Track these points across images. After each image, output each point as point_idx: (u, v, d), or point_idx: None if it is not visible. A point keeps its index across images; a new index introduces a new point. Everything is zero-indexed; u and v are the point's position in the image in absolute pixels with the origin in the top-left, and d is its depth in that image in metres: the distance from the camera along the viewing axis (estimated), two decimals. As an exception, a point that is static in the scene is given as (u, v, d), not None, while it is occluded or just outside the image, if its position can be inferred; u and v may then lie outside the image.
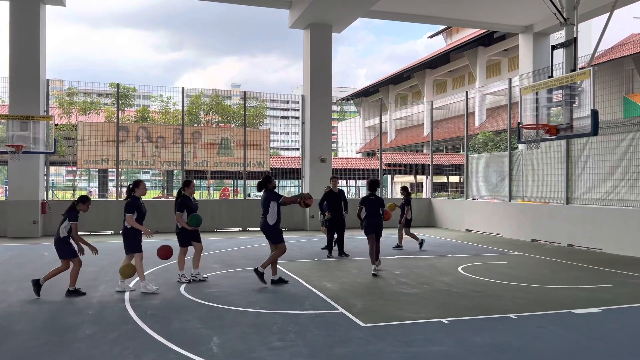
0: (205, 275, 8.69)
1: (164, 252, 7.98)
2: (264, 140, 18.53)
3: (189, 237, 8.38)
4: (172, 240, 9.38)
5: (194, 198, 8.57)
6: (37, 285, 7.32)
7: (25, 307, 6.72)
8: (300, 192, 19.02)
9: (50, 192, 18.62)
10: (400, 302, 7.05)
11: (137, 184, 7.77)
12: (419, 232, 16.92)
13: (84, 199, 7.68)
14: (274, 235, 8.28)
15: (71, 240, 7.49)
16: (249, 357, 4.86)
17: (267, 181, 8.36)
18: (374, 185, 9.57)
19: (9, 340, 5.37)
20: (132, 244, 7.65)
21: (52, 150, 15.02)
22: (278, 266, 8.79)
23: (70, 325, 5.87)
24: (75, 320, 6.09)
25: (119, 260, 10.41)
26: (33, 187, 15.31)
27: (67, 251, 7.46)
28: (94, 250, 7.55)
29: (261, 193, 8.47)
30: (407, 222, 12.88)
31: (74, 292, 7.43)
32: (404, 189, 13.46)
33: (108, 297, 7.24)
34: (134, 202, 7.62)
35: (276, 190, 8.50)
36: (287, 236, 15.42)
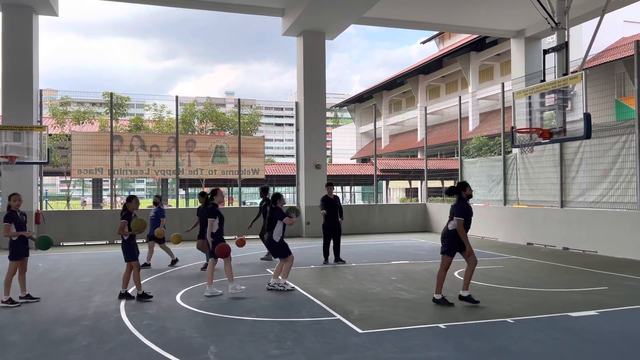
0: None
1: (224, 250, 7.95)
2: (259, 147, 18.53)
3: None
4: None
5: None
6: (126, 296, 7.65)
7: (20, 319, 6.66)
8: (295, 198, 19.00)
9: (44, 202, 18.53)
10: (397, 307, 7.04)
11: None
12: (415, 237, 16.95)
13: (131, 198, 7.85)
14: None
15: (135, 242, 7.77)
16: (246, 365, 4.83)
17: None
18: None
19: (4, 352, 5.32)
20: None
21: (46, 161, 14.91)
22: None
23: (66, 336, 5.82)
24: (70, 331, 6.04)
25: (114, 270, 10.38)
26: (27, 198, 15.16)
27: (128, 254, 7.68)
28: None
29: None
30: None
31: (141, 296, 7.60)
32: (263, 190, 11.81)
33: (104, 308, 7.19)
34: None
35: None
36: (283, 243, 15.44)
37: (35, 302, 7.55)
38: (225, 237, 8.37)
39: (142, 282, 9.10)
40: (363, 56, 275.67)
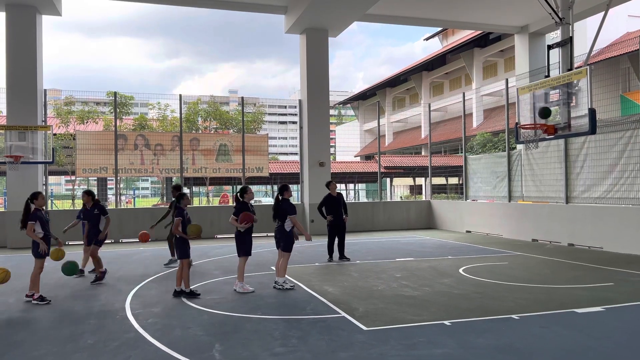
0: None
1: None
2: (263, 145, 18.54)
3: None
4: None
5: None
6: (181, 293, 7.70)
7: (26, 318, 6.70)
8: (299, 196, 19.00)
9: (49, 202, 18.59)
10: (402, 305, 7.04)
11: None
12: (419, 234, 16.94)
13: (181, 195, 7.96)
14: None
15: (189, 241, 7.88)
16: (251, 363, 4.84)
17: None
18: None
19: (10, 351, 5.35)
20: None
21: (51, 160, 14.96)
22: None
23: (72, 335, 5.84)
24: (76, 329, 6.07)
25: (119, 269, 10.43)
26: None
27: (180, 252, 7.78)
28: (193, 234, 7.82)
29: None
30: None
31: (189, 294, 7.68)
32: (175, 189, 10.68)
33: (109, 306, 7.22)
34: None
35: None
36: (287, 241, 15.45)
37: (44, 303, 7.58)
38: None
39: (146, 281, 9.15)
40: (366, 53, 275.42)
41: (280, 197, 8.41)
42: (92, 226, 9.54)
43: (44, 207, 7.87)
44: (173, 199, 10.75)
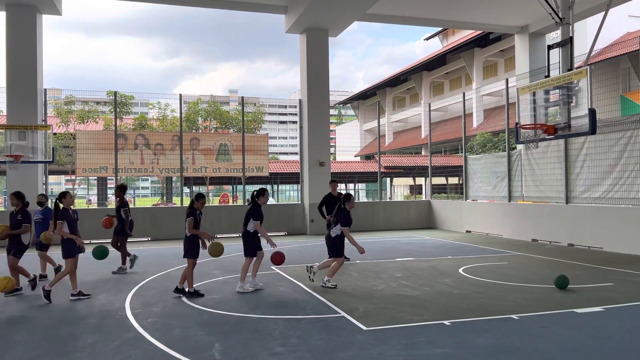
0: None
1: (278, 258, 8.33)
2: (263, 145, 18.53)
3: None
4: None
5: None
6: (181, 292, 7.71)
7: (26, 317, 6.70)
8: (300, 196, 18.99)
9: (49, 201, 18.58)
10: (401, 304, 7.04)
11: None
12: (419, 234, 16.93)
13: (199, 197, 7.88)
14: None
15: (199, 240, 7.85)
16: (251, 363, 4.84)
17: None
18: None
19: (10, 350, 5.35)
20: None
21: (51, 160, 14.98)
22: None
23: (71, 334, 5.84)
24: (76, 329, 6.07)
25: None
26: (32, 197, 15.24)
27: (188, 251, 7.79)
28: (207, 240, 7.92)
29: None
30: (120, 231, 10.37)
31: (193, 294, 7.70)
32: (120, 189, 10.70)
33: (109, 306, 7.22)
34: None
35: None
36: (288, 240, 15.47)
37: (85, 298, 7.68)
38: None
39: (146, 280, 9.15)
40: (367, 53, 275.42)
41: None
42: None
43: (72, 206, 7.87)
44: (118, 198, 10.48)
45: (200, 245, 7.87)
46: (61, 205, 7.62)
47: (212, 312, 6.75)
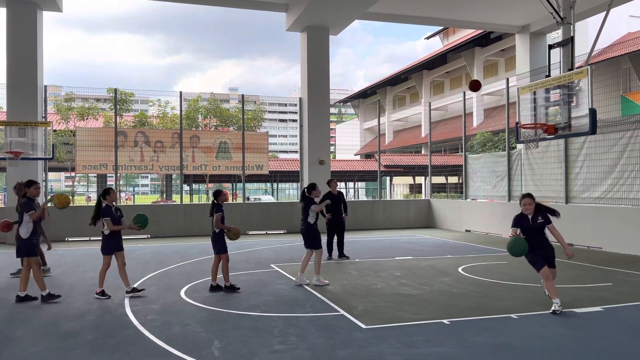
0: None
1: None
2: (263, 143, 18.53)
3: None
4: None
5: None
6: (217, 289, 7.87)
7: (26, 313, 6.70)
8: (299, 194, 19.00)
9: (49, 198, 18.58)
10: (401, 303, 7.04)
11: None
12: (419, 233, 16.94)
13: (219, 193, 8.04)
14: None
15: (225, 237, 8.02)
16: (250, 360, 4.85)
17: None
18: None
19: (10, 346, 5.35)
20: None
21: (51, 156, 14.98)
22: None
23: (71, 331, 5.85)
24: (75, 325, 6.07)
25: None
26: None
27: (219, 247, 7.93)
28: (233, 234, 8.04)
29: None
30: None
31: (229, 288, 7.83)
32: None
33: (108, 303, 7.22)
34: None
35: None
36: (288, 238, 15.47)
37: (142, 296, 7.66)
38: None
39: (145, 278, 9.15)
40: (367, 51, 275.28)
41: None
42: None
43: (115, 203, 7.87)
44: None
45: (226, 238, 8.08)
46: (104, 203, 7.59)
47: (211, 310, 6.76)
